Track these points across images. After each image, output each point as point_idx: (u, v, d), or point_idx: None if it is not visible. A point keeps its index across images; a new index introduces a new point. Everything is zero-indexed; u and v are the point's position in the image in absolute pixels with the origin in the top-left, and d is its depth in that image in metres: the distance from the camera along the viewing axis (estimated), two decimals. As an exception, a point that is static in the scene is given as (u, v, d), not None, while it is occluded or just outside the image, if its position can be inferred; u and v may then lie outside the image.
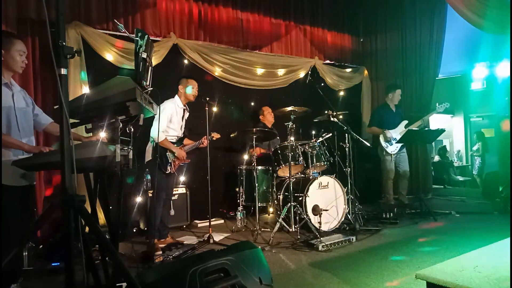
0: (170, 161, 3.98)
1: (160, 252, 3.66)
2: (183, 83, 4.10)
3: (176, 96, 4.09)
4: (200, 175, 4.93)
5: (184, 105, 4.13)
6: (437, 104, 5.47)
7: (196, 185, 5.08)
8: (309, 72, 6.25)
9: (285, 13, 6.34)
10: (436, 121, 5.97)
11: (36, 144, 2.77)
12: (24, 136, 2.54)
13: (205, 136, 4.23)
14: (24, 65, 2.58)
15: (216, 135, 4.44)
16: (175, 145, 4.04)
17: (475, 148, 9.57)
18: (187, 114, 4.22)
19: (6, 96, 2.45)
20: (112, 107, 1.99)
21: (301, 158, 4.58)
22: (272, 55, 6.08)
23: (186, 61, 5.20)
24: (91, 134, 2.26)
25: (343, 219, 4.51)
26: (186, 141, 4.28)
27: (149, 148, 4.01)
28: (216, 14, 5.57)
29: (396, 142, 5.48)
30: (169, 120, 3.97)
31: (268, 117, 5.41)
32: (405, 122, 5.59)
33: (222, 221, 5.27)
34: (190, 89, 4.08)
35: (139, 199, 4.40)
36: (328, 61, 6.83)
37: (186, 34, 5.26)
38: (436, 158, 10.02)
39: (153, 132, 3.88)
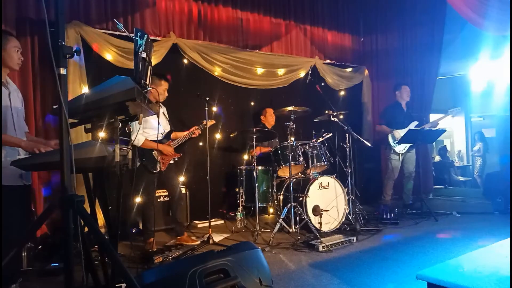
0: (157, 159, 3.94)
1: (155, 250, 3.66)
2: (155, 82, 3.90)
3: None
4: (200, 175, 4.93)
5: (156, 102, 3.96)
6: (449, 110, 5.52)
7: (195, 185, 5.08)
8: (310, 72, 6.23)
9: (285, 13, 6.32)
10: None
11: None
12: (21, 136, 2.53)
13: (196, 127, 4.17)
14: (20, 61, 2.54)
15: (210, 122, 4.28)
16: (161, 142, 3.97)
17: (476, 148, 9.56)
18: (163, 109, 4.12)
19: (3, 95, 2.43)
20: (111, 106, 1.98)
21: (302, 158, 4.58)
22: (272, 54, 6.07)
23: (185, 61, 5.19)
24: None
25: (343, 219, 4.50)
26: (174, 135, 4.20)
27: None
28: (216, 13, 5.56)
29: (397, 142, 5.47)
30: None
31: (269, 118, 5.40)
32: (415, 123, 5.57)
33: (222, 221, 5.26)
34: (161, 90, 3.94)
35: (138, 199, 4.38)
36: (328, 61, 6.82)
37: (185, 33, 5.25)
38: (437, 158, 10.02)
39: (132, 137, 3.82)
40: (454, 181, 9.59)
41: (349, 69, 7.09)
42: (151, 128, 3.93)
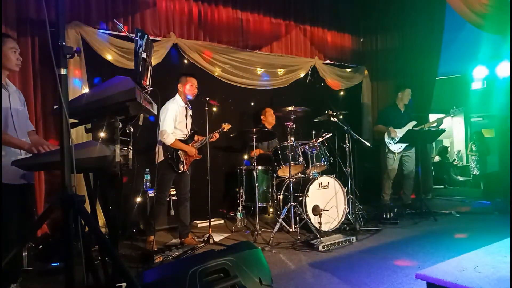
0: (182, 159, 4.00)
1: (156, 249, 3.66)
2: (183, 81, 4.09)
3: (177, 95, 4.09)
4: (200, 175, 4.93)
5: (186, 103, 4.12)
6: (454, 107, 5.55)
7: (196, 185, 5.06)
8: (309, 72, 6.25)
9: (285, 13, 6.33)
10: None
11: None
12: (22, 136, 2.53)
13: (216, 131, 4.33)
14: (20, 62, 2.54)
15: (227, 126, 4.51)
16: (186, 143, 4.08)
17: (475, 148, 9.55)
18: (190, 111, 4.22)
19: (3, 97, 2.43)
20: (112, 107, 1.99)
21: (301, 158, 4.58)
22: (272, 55, 6.07)
23: (186, 61, 5.20)
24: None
25: (343, 219, 4.51)
26: (196, 137, 4.30)
27: (160, 149, 4.00)
28: (216, 14, 5.57)
29: (395, 142, 5.48)
30: (175, 120, 3.97)
31: (269, 118, 5.41)
32: (413, 123, 5.59)
33: (222, 221, 5.26)
34: (189, 86, 4.06)
35: (139, 199, 4.39)
36: (328, 61, 6.82)
37: (186, 34, 5.25)
38: (437, 158, 10.01)
39: (162, 136, 3.88)
40: (454, 181, 9.59)
41: (348, 69, 7.09)
42: (179, 129, 4.03)
